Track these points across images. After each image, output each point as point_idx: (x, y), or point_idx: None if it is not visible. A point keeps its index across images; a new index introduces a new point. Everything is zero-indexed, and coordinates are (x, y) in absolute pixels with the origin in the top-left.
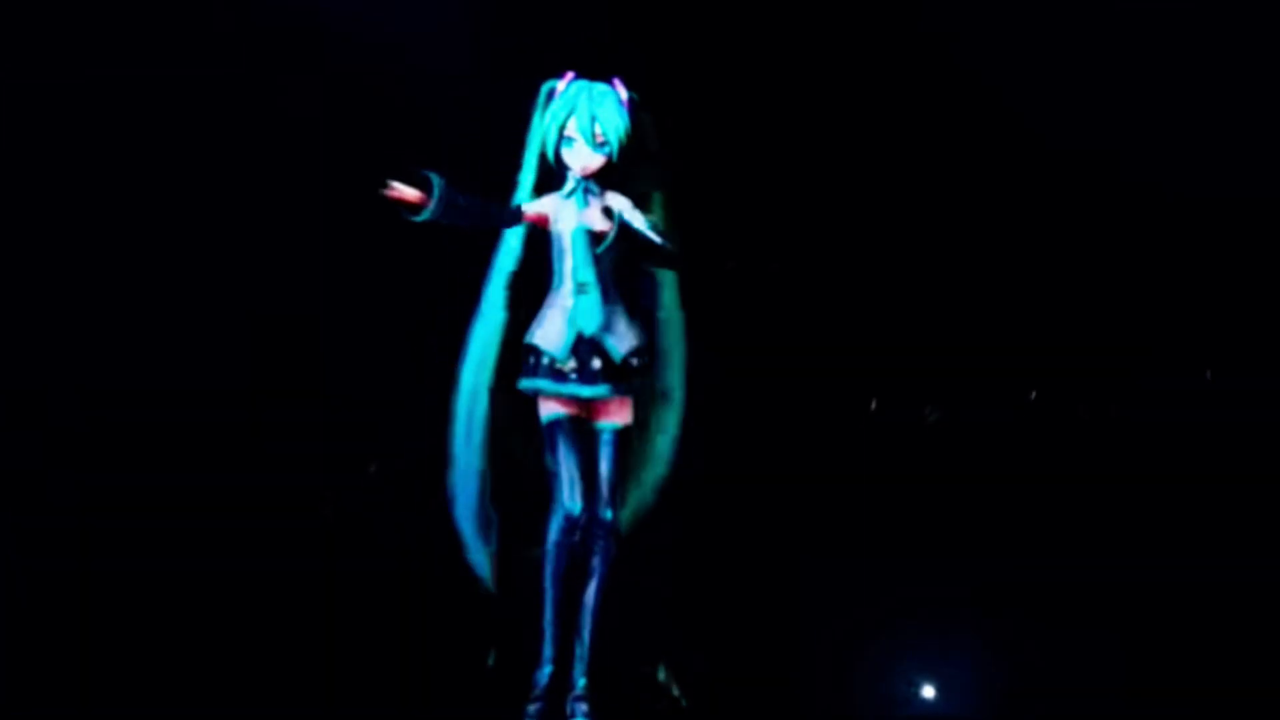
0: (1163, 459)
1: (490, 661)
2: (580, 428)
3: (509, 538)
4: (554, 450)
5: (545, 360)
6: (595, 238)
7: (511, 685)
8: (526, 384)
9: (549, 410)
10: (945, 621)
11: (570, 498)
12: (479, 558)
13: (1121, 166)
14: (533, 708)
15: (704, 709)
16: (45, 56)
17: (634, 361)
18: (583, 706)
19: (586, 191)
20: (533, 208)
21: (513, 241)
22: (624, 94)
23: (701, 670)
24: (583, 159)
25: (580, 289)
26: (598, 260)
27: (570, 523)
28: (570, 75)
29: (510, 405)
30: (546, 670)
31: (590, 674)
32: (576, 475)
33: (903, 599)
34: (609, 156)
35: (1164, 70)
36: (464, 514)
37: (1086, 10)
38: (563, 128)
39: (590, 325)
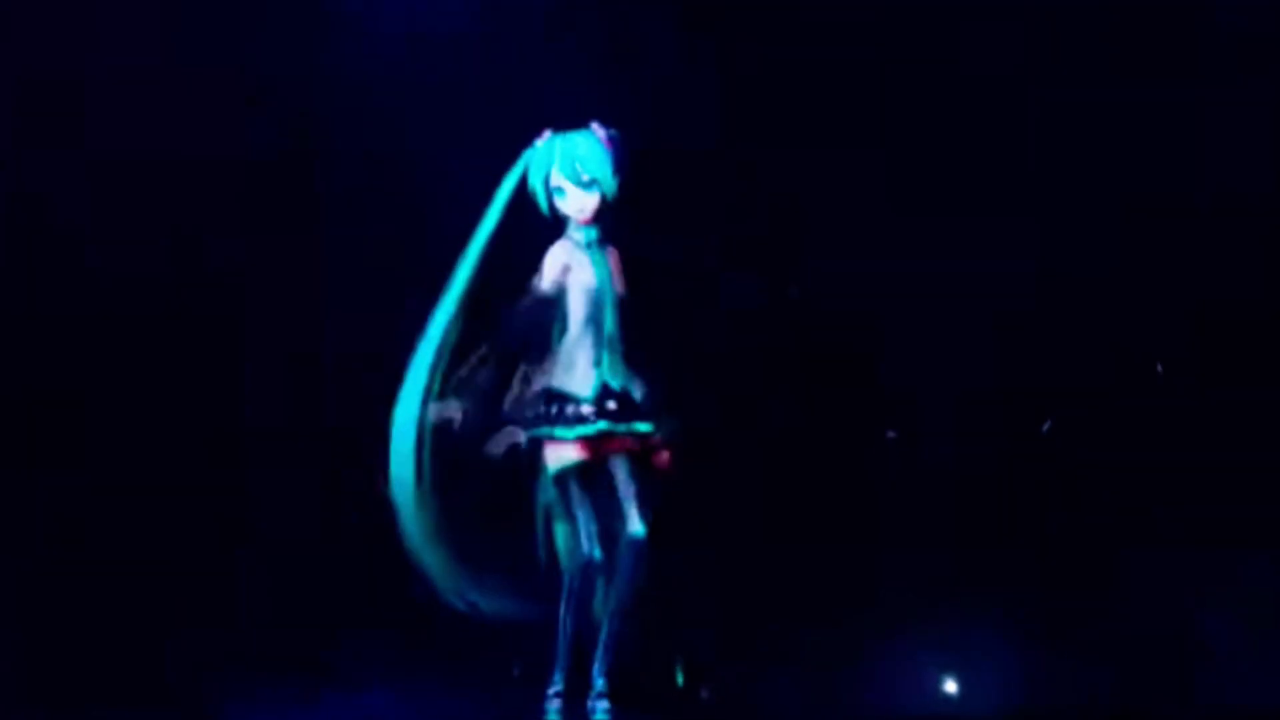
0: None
1: (516, 673)
2: (592, 473)
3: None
4: (567, 500)
5: (569, 407)
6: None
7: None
8: (543, 432)
9: (559, 459)
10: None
11: (589, 547)
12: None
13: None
14: (551, 706)
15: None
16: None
17: (646, 409)
18: (604, 704)
19: (601, 243)
20: (552, 277)
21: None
22: (603, 134)
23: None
24: (577, 204)
25: (610, 344)
26: (622, 316)
27: (591, 570)
28: (547, 133)
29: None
30: (559, 678)
31: (609, 673)
32: (593, 523)
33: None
34: (601, 195)
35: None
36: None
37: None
38: (548, 180)
39: (617, 380)
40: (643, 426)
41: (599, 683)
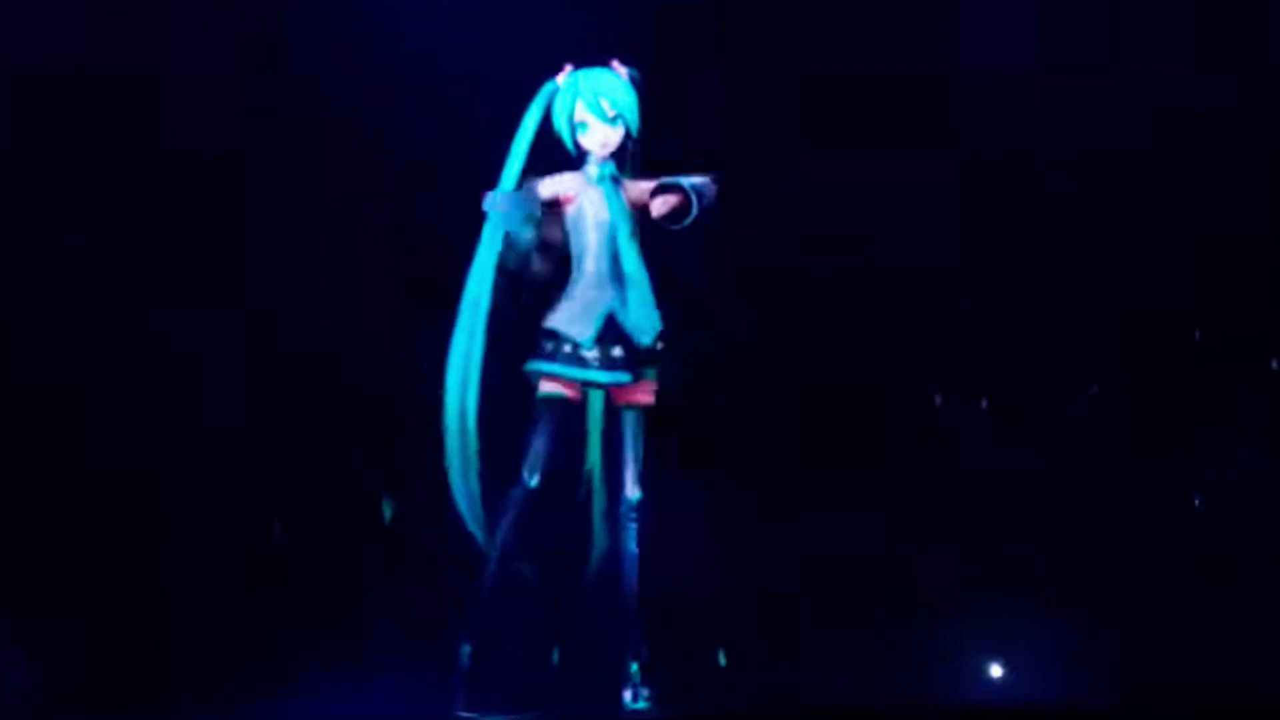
0: None
1: None
2: (571, 411)
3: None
4: (534, 425)
5: (566, 346)
6: (649, 222)
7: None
8: (539, 367)
9: (547, 389)
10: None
11: (529, 473)
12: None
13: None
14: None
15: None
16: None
17: (658, 346)
18: (645, 691)
19: (615, 179)
20: (551, 185)
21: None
22: (624, 72)
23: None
24: (600, 137)
25: (626, 280)
26: (635, 249)
27: (524, 496)
28: (568, 68)
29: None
30: (466, 649)
31: (643, 658)
32: (544, 453)
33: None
34: (626, 129)
35: None
36: (460, 497)
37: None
38: (573, 115)
39: (638, 320)
40: (625, 377)
41: (633, 668)
